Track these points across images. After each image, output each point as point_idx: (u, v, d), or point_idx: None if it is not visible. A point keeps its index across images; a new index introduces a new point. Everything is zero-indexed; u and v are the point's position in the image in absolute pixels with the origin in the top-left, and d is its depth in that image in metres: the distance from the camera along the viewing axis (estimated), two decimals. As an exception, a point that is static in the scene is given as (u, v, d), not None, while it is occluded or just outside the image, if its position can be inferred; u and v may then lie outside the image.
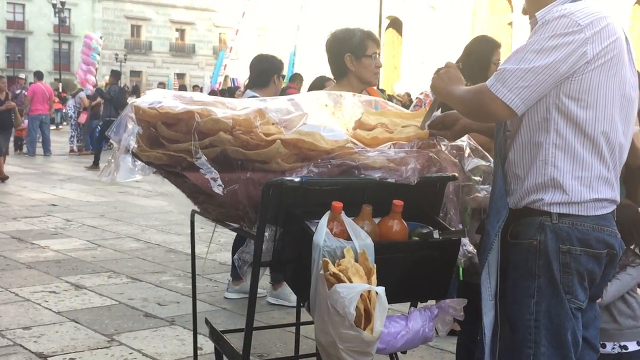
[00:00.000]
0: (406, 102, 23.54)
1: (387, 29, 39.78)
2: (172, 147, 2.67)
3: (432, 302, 2.80)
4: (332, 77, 3.98)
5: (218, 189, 2.54)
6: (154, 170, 2.84)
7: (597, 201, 2.43)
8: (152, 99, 2.79)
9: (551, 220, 2.42)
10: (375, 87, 5.17)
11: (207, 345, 4.34)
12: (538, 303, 2.44)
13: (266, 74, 5.75)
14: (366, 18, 34.20)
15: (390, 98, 25.02)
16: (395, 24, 40.26)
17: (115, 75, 18.50)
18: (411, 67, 37.10)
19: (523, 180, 2.48)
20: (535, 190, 2.45)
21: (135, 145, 2.79)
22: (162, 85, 27.72)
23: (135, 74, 61.46)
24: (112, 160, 2.86)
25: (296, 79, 14.42)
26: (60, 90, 33.35)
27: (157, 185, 3.00)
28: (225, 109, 2.69)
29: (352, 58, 3.66)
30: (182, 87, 28.74)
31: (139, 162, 2.82)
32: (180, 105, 2.68)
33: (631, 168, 3.81)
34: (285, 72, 32.78)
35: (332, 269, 2.34)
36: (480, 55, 4.81)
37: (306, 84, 19.42)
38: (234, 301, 5.71)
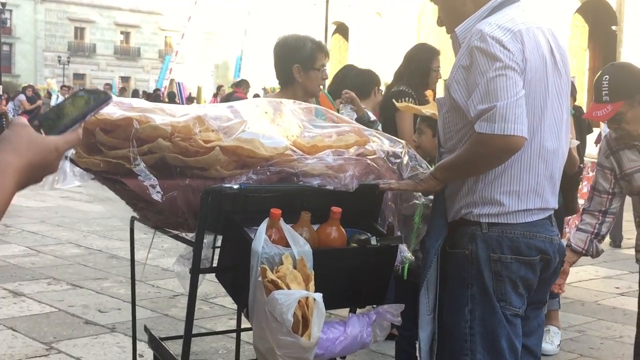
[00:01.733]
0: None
1: (333, 34, 39.97)
2: (110, 154, 2.65)
3: (370, 307, 2.83)
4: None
5: (157, 196, 2.53)
6: (92, 177, 2.81)
7: (526, 211, 2.48)
8: (90, 105, 2.76)
9: (481, 229, 2.47)
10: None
11: (148, 353, 4.30)
12: (472, 311, 2.48)
13: (367, 85, 5.39)
14: (313, 23, 34.32)
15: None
16: (342, 30, 40.48)
17: None
18: (357, 73, 37.30)
19: (458, 198, 2.53)
20: (467, 205, 2.51)
21: (73, 151, 2.76)
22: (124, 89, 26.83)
23: (79, 76, 60.54)
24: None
25: (242, 84, 14.46)
26: (1, 92, 32.62)
27: (96, 191, 2.98)
28: (165, 116, 2.68)
29: (300, 69, 3.67)
30: (135, 93, 27.68)
31: (78, 168, 2.79)
32: (118, 111, 2.66)
33: (568, 175, 3.91)
34: (231, 75, 32.63)
35: (270, 275, 2.36)
36: (420, 63, 4.91)
37: (253, 89, 19.38)
38: (177, 308, 5.68)
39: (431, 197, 2.80)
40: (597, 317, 5.83)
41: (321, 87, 3.93)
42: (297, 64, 3.65)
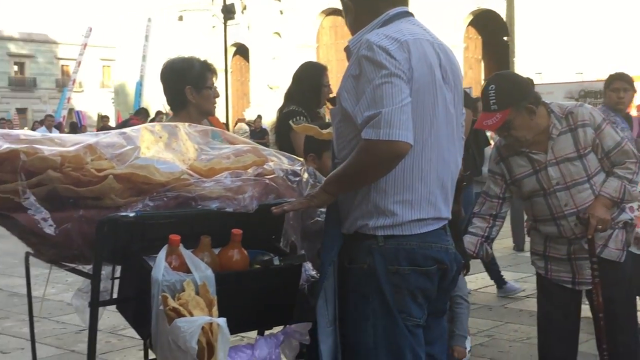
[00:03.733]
0: (258, 126, 23.65)
1: (234, 56, 39.94)
2: (-2, 189, 2.54)
3: (278, 328, 2.80)
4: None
5: (49, 230, 2.44)
6: (-19, 213, 2.70)
7: (420, 221, 2.50)
8: (-25, 139, 2.65)
9: (377, 243, 2.48)
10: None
11: (54, 392, 4.15)
12: (375, 325, 2.48)
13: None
14: (212, 45, 34.20)
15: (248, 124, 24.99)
16: (242, 51, 40.50)
17: None
18: (260, 93, 37.35)
19: (352, 208, 2.53)
20: (362, 216, 2.50)
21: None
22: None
23: (-28, 110, 58.51)
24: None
25: (141, 113, 14.23)
26: None
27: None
28: (54, 146, 2.60)
29: (192, 90, 3.61)
30: (74, 127, 24.65)
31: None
32: (4, 144, 2.56)
33: None
34: (132, 101, 32.10)
35: (172, 303, 2.30)
36: (312, 81, 4.95)
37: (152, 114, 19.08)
38: (84, 343, 5.49)
39: None
40: (505, 320, 5.95)
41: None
42: (188, 85, 3.60)
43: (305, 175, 2.93)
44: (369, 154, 2.37)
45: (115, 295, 2.71)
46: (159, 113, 16.85)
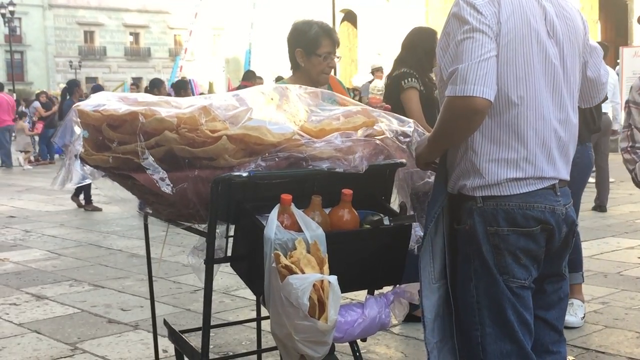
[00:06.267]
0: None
1: (342, 22, 39.83)
2: (119, 149, 2.65)
3: (388, 288, 2.82)
4: None
5: (166, 189, 2.53)
6: (102, 174, 2.82)
7: (517, 180, 2.41)
8: (96, 102, 2.77)
9: (476, 203, 2.44)
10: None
11: (172, 348, 4.31)
12: (477, 286, 2.46)
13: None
14: (320, 12, 34.20)
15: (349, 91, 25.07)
16: (350, 17, 40.32)
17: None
18: (368, 59, 37.16)
19: (453, 166, 2.51)
20: (461, 176, 2.48)
21: (82, 150, 2.77)
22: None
23: (91, 80, 60.62)
24: (63, 167, 2.84)
25: (248, 76, 14.40)
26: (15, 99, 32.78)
27: (113, 192, 3.00)
28: (170, 108, 2.68)
29: (302, 53, 3.61)
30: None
31: (88, 166, 2.80)
32: (124, 106, 2.66)
33: None
34: (242, 70, 32.60)
35: (284, 261, 2.35)
36: (426, 46, 4.90)
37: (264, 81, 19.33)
38: (198, 302, 5.68)
39: None
40: (621, 287, 5.78)
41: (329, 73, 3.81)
42: (299, 47, 3.60)
43: (415, 136, 2.92)
44: (448, 111, 2.36)
45: (229, 253, 2.78)
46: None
